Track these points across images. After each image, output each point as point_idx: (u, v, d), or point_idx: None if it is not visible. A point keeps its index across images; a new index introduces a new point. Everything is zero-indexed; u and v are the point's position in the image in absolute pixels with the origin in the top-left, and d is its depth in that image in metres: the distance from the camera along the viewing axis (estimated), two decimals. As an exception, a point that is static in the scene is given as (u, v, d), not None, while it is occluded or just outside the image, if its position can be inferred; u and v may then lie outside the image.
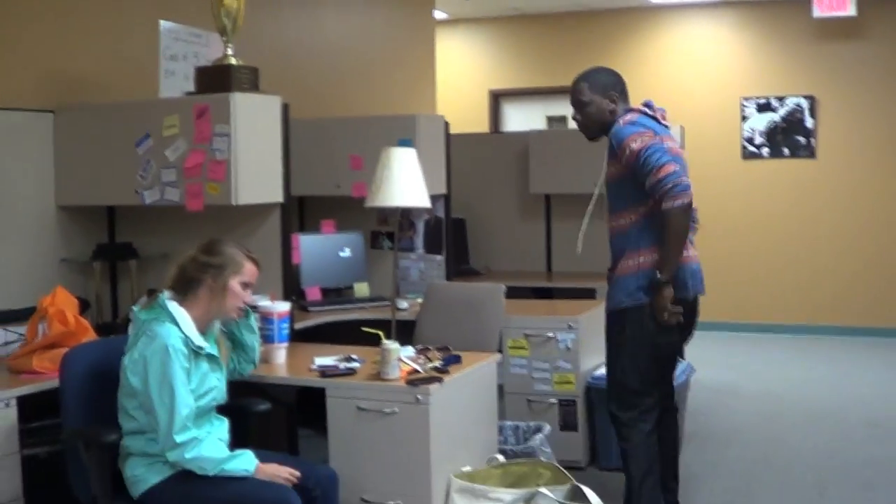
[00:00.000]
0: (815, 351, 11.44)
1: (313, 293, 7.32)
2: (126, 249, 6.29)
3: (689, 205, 5.18)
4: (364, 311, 7.03)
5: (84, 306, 5.88)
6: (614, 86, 5.57)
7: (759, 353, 11.26)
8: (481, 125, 13.59)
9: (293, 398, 5.38)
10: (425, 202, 6.07)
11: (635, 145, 5.25)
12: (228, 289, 4.54)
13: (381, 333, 5.09)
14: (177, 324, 4.40)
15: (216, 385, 4.56)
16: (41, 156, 6.06)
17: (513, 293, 7.50)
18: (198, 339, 4.44)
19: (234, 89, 5.54)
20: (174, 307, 4.45)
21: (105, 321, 6.15)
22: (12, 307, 5.63)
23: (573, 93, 5.60)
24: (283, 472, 4.39)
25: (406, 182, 5.90)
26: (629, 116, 5.42)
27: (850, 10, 11.55)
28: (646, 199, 5.29)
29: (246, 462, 4.36)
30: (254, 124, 5.65)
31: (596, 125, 5.58)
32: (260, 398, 4.99)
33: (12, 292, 5.72)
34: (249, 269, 4.61)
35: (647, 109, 5.51)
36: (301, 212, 8.12)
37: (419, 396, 4.75)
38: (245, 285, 4.60)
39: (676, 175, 5.14)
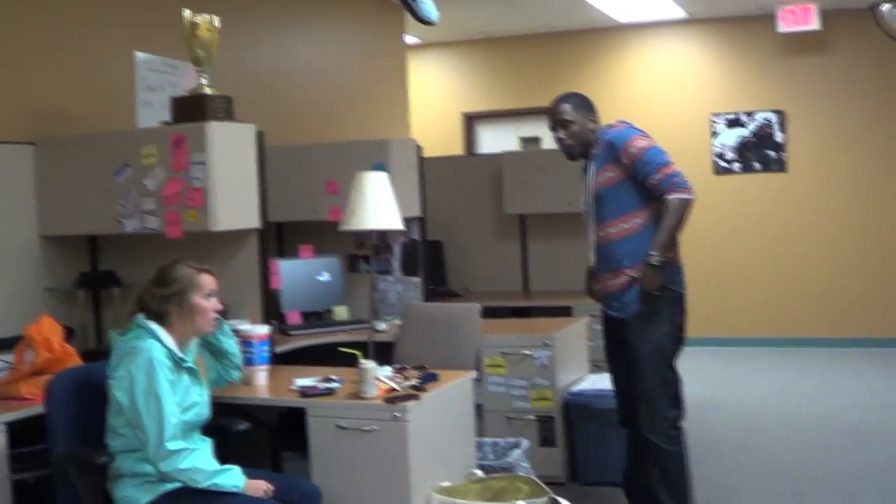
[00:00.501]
0: (791, 362, 11.55)
1: (293, 317, 7.42)
2: (109, 277, 6.38)
3: (691, 203, 5.49)
4: (343, 333, 7.11)
5: (70, 333, 5.94)
6: (592, 109, 5.90)
7: (734, 366, 11.37)
8: (455, 147, 13.69)
9: (275, 420, 5.50)
10: (398, 224, 6.16)
11: (642, 143, 5.56)
12: (195, 308, 4.66)
13: (358, 354, 5.20)
14: (158, 339, 4.52)
15: (198, 400, 4.67)
16: (23, 187, 6.14)
17: (491, 313, 7.62)
18: (179, 353, 4.58)
19: (209, 118, 5.66)
20: (152, 325, 4.58)
21: (90, 348, 6.22)
22: (-1, 336, 5.73)
23: (556, 112, 5.90)
24: (262, 485, 4.52)
25: (379, 205, 6.01)
26: (619, 125, 5.76)
27: (815, 24, 11.69)
28: (651, 201, 5.57)
29: (236, 478, 4.46)
30: (229, 152, 5.76)
31: (579, 144, 5.84)
32: (242, 419, 5.08)
33: (-3, 321, 5.81)
34: (206, 281, 4.72)
35: (627, 123, 5.80)
36: (280, 237, 8.22)
37: (397, 413, 4.85)
38: (208, 296, 4.72)
39: (681, 175, 5.51)
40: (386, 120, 10.74)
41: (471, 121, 14.12)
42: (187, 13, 5.84)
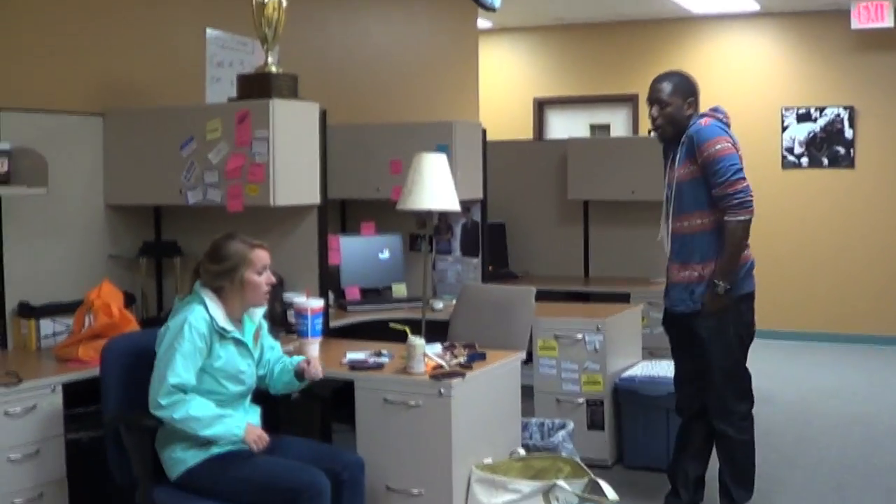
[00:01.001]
0: (849, 359, 11.48)
1: (352, 293, 7.52)
2: (171, 247, 6.52)
3: (750, 221, 5.53)
4: (401, 310, 7.20)
5: (130, 300, 6.11)
6: (693, 92, 5.80)
7: (792, 360, 11.32)
8: (525, 133, 13.69)
9: (328, 392, 5.60)
10: (455, 206, 6.22)
11: (718, 148, 5.50)
12: (247, 283, 4.73)
13: (407, 329, 5.29)
14: (206, 307, 4.64)
15: (245, 370, 4.76)
16: (92, 157, 6.27)
17: (550, 297, 7.69)
18: (223, 322, 4.65)
19: (273, 96, 5.76)
20: (207, 293, 4.70)
21: (150, 315, 6.37)
22: (62, 300, 5.87)
23: (654, 90, 5.82)
24: (257, 431, 4.63)
25: (437, 186, 6.08)
26: (707, 120, 5.64)
27: (889, 22, 11.57)
28: None
29: (235, 425, 4.55)
30: (292, 129, 5.85)
31: (671, 126, 5.75)
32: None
33: (62, 286, 5.95)
34: (259, 256, 4.78)
35: (719, 115, 5.71)
36: (343, 214, 8.33)
37: (442, 390, 4.95)
38: (261, 271, 4.78)
39: (747, 192, 5.49)
40: (455, 103, 10.77)
41: (541, 106, 14.11)
42: (255, -8, 5.94)
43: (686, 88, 5.77)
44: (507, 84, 14.08)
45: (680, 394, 6.04)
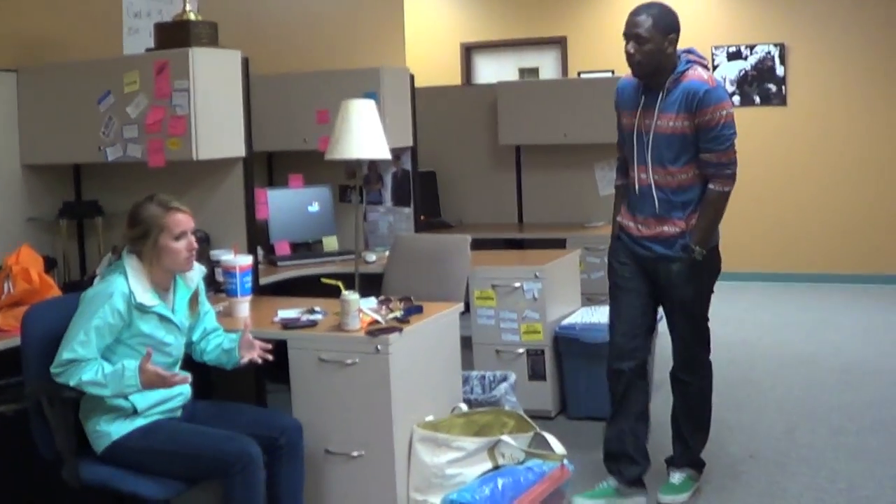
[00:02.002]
0: (790, 298, 11.49)
1: (282, 248, 7.36)
2: (92, 207, 6.28)
3: (730, 194, 5.40)
4: (333, 264, 7.07)
5: (51, 265, 5.92)
6: (675, 28, 5.27)
7: (731, 301, 11.22)
8: (454, 78, 13.55)
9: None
10: (385, 154, 6.06)
11: (725, 113, 5.21)
12: (162, 249, 4.50)
13: (340, 285, 5.11)
14: (126, 278, 4.43)
15: (173, 343, 4.58)
16: (5, 115, 6.05)
17: (485, 245, 7.58)
18: (141, 296, 4.42)
19: (192, 44, 5.55)
20: (130, 262, 4.48)
21: (73, 279, 6.16)
22: (-22, 266, 5.65)
23: (632, 25, 5.25)
24: (165, 374, 4.33)
25: (366, 134, 5.90)
26: (710, 75, 5.29)
27: (820, -44, 11.47)
28: None
29: (129, 377, 4.27)
30: (213, 79, 5.65)
31: (650, 64, 5.23)
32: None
33: (-22, 252, 5.73)
34: (175, 220, 4.53)
35: (706, 62, 5.40)
36: (270, 167, 8.15)
37: (379, 346, 4.77)
38: (179, 237, 4.53)
39: (736, 163, 5.37)
40: (380, 49, 10.58)
41: (469, 51, 13.97)
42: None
43: (667, 24, 5.23)
44: (433, 30, 13.90)
45: (621, 348, 5.56)
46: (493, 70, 13.63)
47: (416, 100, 7.80)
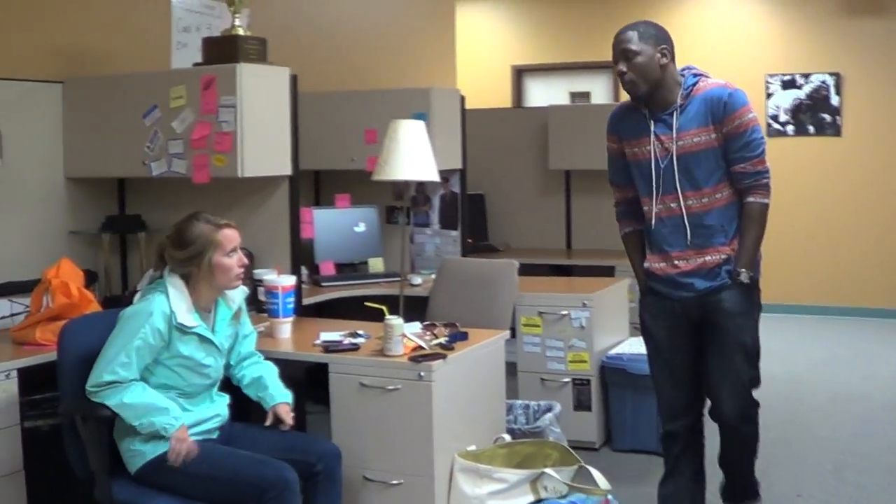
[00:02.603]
0: (840, 332, 11.26)
1: (327, 268, 7.27)
2: (135, 221, 6.25)
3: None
4: (378, 286, 6.98)
5: (92, 279, 5.91)
6: (665, 39, 4.85)
7: (782, 334, 11.06)
8: (504, 101, 13.46)
9: (301, 374, 5.33)
10: (433, 176, 5.99)
11: (752, 116, 4.76)
12: (216, 267, 4.44)
13: (384, 308, 5.01)
14: (168, 297, 4.35)
15: (212, 364, 4.50)
16: (51, 127, 6.03)
17: (531, 270, 7.47)
18: (183, 317, 4.36)
19: (240, 60, 5.49)
20: (172, 281, 4.42)
21: (114, 294, 6.11)
22: (20, 279, 5.60)
23: (619, 42, 4.82)
24: (185, 446, 4.26)
25: (414, 155, 5.83)
26: (731, 84, 4.83)
27: (876, -17, 11.31)
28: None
29: (167, 422, 4.24)
30: (261, 96, 5.58)
31: (645, 80, 4.78)
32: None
33: (20, 264, 5.69)
34: (226, 237, 4.47)
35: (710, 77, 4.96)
36: (317, 186, 8.09)
37: (422, 373, 4.67)
38: (230, 253, 4.48)
39: (770, 172, 4.87)
40: (431, 70, 10.52)
41: (520, 74, 13.87)
42: (222, -49, 5.65)
43: (656, 35, 4.82)
44: (484, 51, 13.81)
45: (673, 407, 5.14)
46: (544, 93, 13.54)
47: (465, 121, 7.71)
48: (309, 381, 5.43)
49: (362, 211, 7.51)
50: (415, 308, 6.12)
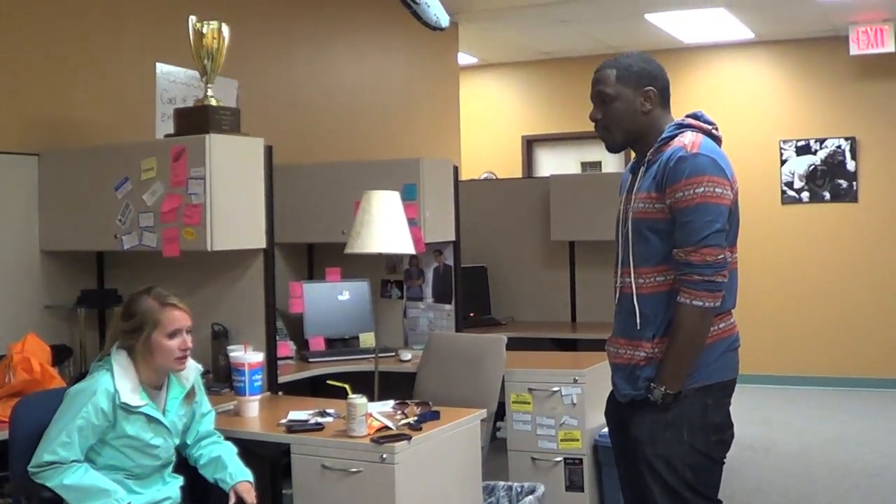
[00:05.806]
0: (852, 405, 11.02)
1: (317, 343, 7.12)
2: (111, 296, 6.12)
3: (714, 312, 3.88)
4: (367, 362, 6.75)
5: (66, 354, 5.80)
6: (653, 79, 4.10)
7: (792, 407, 10.86)
8: (514, 171, 13.38)
9: (276, 453, 5.14)
10: (409, 249, 5.85)
11: (699, 192, 3.82)
12: (154, 346, 4.28)
13: (347, 387, 4.81)
14: (113, 376, 4.20)
15: (161, 445, 4.33)
16: (26, 200, 5.95)
17: (534, 345, 7.31)
18: (127, 396, 4.20)
19: (211, 130, 5.35)
20: (118, 358, 4.27)
21: (87, 370, 5.96)
22: (-10, 354, 5.47)
23: (594, 82, 4.15)
24: None
25: (387, 227, 5.71)
26: (696, 142, 3.94)
27: (889, 47, 11.15)
28: None
29: (111, 503, 4.09)
30: (232, 167, 5.44)
31: (622, 129, 4.11)
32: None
33: (-8, 339, 5.57)
34: (169, 318, 4.31)
35: (706, 126, 4.09)
36: (311, 259, 7.95)
37: (384, 455, 4.45)
38: (173, 334, 4.31)
39: (719, 267, 3.82)
40: (435, 141, 10.45)
41: (530, 144, 13.78)
42: (192, 20, 5.51)
43: (640, 73, 4.08)
44: (494, 122, 13.77)
45: None
46: (555, 163, 13.46)
47: (468, 193, 7.65)
48: (287, 461, 5.25)
49: (353, 285, 7.35)
50: (403, 385, 5.97)
